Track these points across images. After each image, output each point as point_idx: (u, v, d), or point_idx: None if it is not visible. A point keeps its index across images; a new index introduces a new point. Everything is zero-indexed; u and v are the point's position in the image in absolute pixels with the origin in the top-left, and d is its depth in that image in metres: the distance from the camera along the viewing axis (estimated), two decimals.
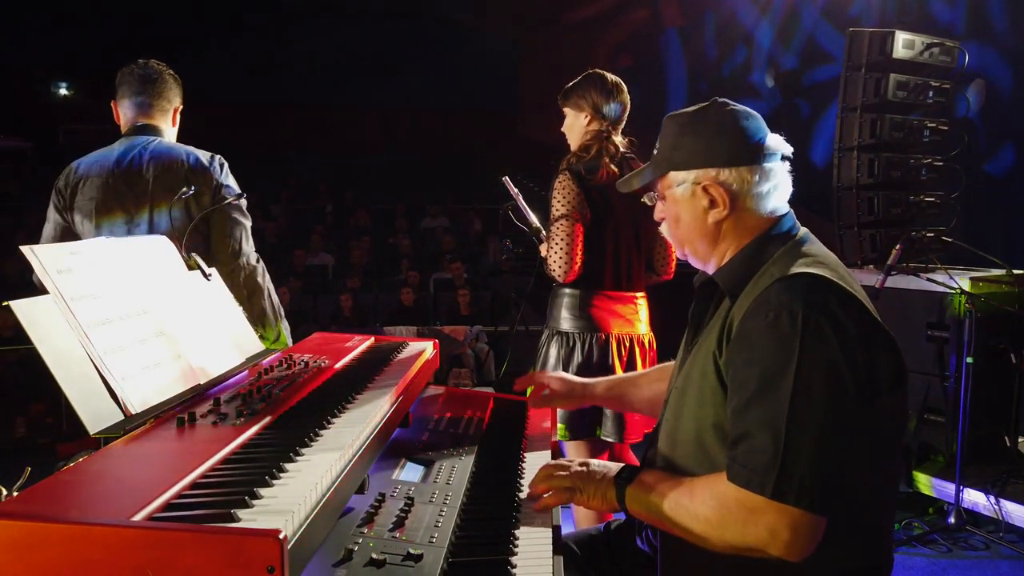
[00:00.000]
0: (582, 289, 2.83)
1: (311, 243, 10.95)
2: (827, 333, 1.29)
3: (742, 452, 1.31)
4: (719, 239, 1.52)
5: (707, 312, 1.58)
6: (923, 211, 4.58)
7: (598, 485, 1.52)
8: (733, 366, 1.37)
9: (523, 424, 2.08)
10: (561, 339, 2.84)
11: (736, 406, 1.34)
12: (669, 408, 1.57)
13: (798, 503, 1.25)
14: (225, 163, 2.69)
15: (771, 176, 1.49)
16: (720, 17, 11.73)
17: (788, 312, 1.31)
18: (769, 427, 1.28)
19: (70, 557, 0.95)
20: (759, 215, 1.50)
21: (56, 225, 2.66)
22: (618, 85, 2.88)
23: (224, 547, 0.94)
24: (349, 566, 1.23)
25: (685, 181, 1.51)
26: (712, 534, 1.34)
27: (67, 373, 1.35)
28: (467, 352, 7.43)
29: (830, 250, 1.52)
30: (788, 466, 1.25)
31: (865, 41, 4.38)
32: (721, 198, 1.48)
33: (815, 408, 1.27)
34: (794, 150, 1.53)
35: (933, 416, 4.09)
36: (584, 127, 2.87)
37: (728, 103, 1.53)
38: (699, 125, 1.51)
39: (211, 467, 1.21)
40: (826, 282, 1.35)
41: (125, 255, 1.66)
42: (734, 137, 1.49)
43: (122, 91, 2.73)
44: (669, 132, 1.55)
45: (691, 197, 1.51)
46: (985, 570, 3.50)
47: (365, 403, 1.61)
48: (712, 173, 1.48)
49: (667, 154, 1.54)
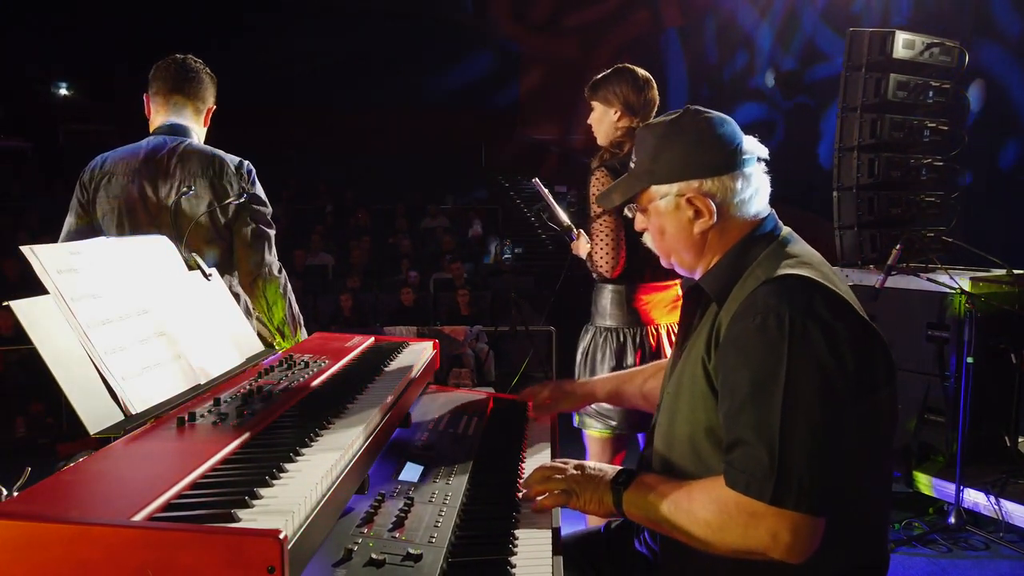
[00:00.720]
0: (625, 284, 2.85)
1: (311, 243, 10.96)
2: (815, 335, 1.29)
3: (738, 457, 1.31)
4: (705, 248, 1.52)
5: (695, 317, 1.58)
6: (923, 211, 4.59)
7: (594, 490, 1.51)
8: (723, 371, 1.38)
9: (523, 424, 2.08)
10: (610, 336, 2.86)
11: (728, 411, 1.35)
12: (663, 411, 1.57)
13: (797, 507, 1.25)
14: (253, 170, 2.64)
15: (751, 180, 1.50)
16: (720, 17, 11.73)
17: (775, 315, 1.31)
18: (763, 432, 1.28)
19: (70, 557, 0.95)
20: (743, 220, 1.50)
21: (77, 218, 2.60)
22: (648, 81, 2.88)
23: (224, 547, 0.94)
24: (349, 566, 1.24)
25: (668, 194, 1.50)
26: (713, 538, 1.34)
27: (67, 373, 1.35)
28: (467, 352, 7.44)
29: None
30: (785, 471, 1.26)
31: (865, 41, 4.38)
32: (706, 208, 1.48)
33: (807, 411, 1.27)
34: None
35: (933, 416, 4.09)
36: (614, 122, 2.86)
37: (701, 110, 1.53)
38: (677, 136, 1.50)
39: (211, 467, 1.21)
40: (811, 283, 1.35)
41: (125, 255, 1.66)
42: (713, 146, 1.48)
43: (156, 86, 2.64)
44: (647, 144, 1.54)
45: (675, 209, 1.50)
46: (985, 570, 3.49)
47: (365, 403, 1.61)
48: (695, 184, 1.48)
49: (647, 167, 1.53)
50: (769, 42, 10.62)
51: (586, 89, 2.93)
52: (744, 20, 11.06)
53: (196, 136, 2.67)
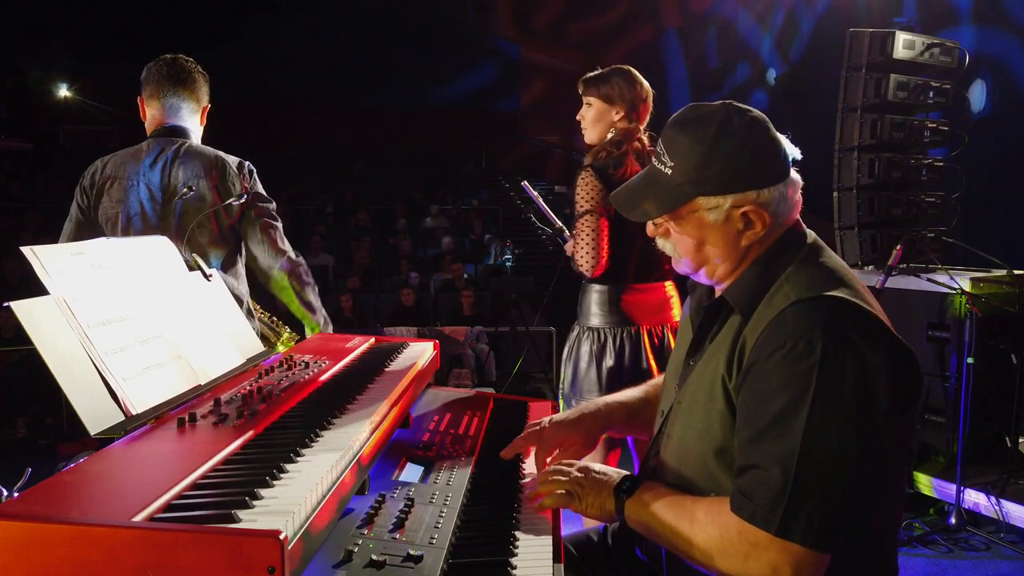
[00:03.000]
0: (610, 284, 2.85)
1: (311, 243, 10.96)
2: (847, 366, 1.22)
3: (748, 484, 1.26)
4: (744, 259, 1.42)
5: (714, 326, 1.48)
6: (923, 211, 4.59)
7: (597, 494, 1.48)
8: (745, 395, 1.31)
9: (523, 424, 2.07)
10: (592, 335, 2.86)
11: (747, 437, 1.28)
12: (673, 423, 1.50)
13: (804, 541, 1.20)
14: (254, 170, 2.67)
15: (797, 185, 1.41)
16: (721, 18, 11.73)
17: (807, 341, 1.24)
18: (779, 462, 1.22)
19: (71, 558, 0.95)
20: (782, 228, 1.41)
21: (77, 224, 2.61)
22: (649, 89, 2.89)
23: (225, 548, 0.94)
24: (349, 567, 1.23)
25: (719, 206, 1.37)
26: (711, 561, 1.30)
27: (68, 374, 1.35)
28: (467, 352, 7.44)
29: (836, 255, 1.47)
30: (795, 503, 1.20)
31: (865, 41, 4.38)
32: (761, 220, 1.37)
33: (829, 445, 1.21)
34: (800, 149, 1.46)
35: (934, 417, 4.09)
36: (613, 122, 2.84)
37: (744, 110, 1.40)
38: (729, 142, 1.35)
39: (212, 468, 1.21)
40: (846, 305, 1.28)
41: (126, 255, 1.66)
42: (769, 152, 1.37)
43: (150, 89, 2.64)
44: (690, 150, 1.37)
45: (725, 221, 1.38)
46: (986, 571, 3.49)
47: (365, 404, 1.61)
48: (752, 196, 1.36)
49: (692, 176, 1.37)
50: (769, 42, 10.62)
51: (581, 83, 2.88)
52: (744, 20, 11.06)
53: (195, 136, 2.67)
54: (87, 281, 1.49)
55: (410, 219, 13.02)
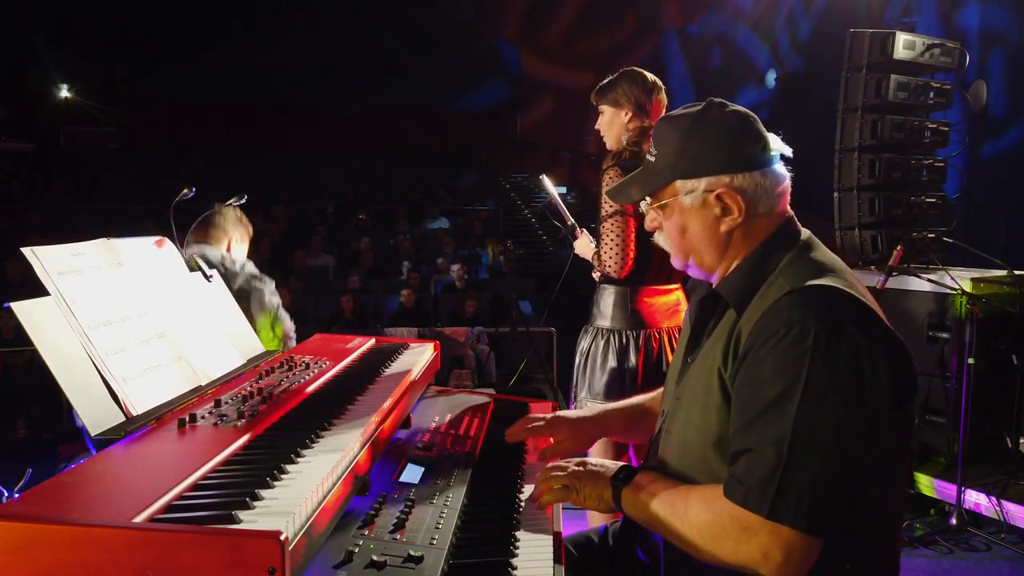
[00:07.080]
0: (630, 286, 2.84)
1: (312, 244, 10.96)
2: (839, 353, 1.24)
3: (741, 469, 1.27)
4: (728, 248, 1.45)
5: (710, 322, 1.51)
6: (924, 212, 4.58)
7: (595, 485, 1.50)
8: (740, 383, 1.33)
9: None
10: (611, 336, 2.85)
11: (741, 423, 1.30)
12: (671, 419, 1.53)
13: (794, 524, 1.21)
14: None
15: (779, 178, 1.44)
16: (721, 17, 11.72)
17: (800, 328, 1.25)
18: (771, 446, 1.24)
19: (72, 558, 0.95)
20: (768, 220, 1.44)
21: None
22: (657, 84, 2.89)
23: (225, 548, 0.94)
24: (350, 568, 1.23)
25: (695, 189, 1.42)
26: (705, 546, 1.32)
27: (68, 374, 1.35)
28: (468, 353, 7.44)
29: (831, 251, 1.49)
30: (786, 486, 1.22)
31: (866, 42, 4.37)
32: (736, 205, 1.40)
33: (821, 431, 1.23)
34: (800, 149, 1.48)
35: (934, 417, 4.08)
36: (625, 124, 2.86)
37: (727, 104, 1.46)
38: (705, 128, 1.42)
39: (212, 468, 1.21)
40: (839, 294, 1.30)
41: (126, 256, 1.66)
42: (744, 139, 1.42)
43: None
44: (669, 137, 1.46)
45: (701, 206, 1.43)
46: (986, 571, 3.49)
47: (366, 405, 1.61)
48: (726, 179, 1.40)
49: (670, 160, 1.45)
50: (770, 43, 10.62)
51: (593, 95, 2.93)
52: (745, 21, 11.06)
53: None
54: (88, 282, 1.49)
55: (410, 220, 13.02)
